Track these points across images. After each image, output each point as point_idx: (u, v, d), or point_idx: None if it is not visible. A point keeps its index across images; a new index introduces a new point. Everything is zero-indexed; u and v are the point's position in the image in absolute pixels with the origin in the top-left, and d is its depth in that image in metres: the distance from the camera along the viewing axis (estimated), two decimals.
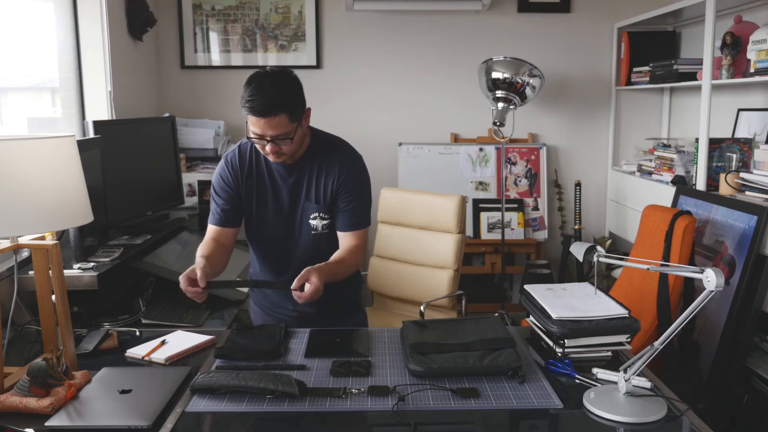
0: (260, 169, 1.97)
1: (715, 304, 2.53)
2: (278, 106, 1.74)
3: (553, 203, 4.02)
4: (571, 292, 1.81)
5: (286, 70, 1.83)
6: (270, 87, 1.75)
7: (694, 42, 3.58)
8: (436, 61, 3.92)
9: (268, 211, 1.98)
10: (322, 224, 1.97)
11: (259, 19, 3.84)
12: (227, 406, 1.46)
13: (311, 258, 1.90)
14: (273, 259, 2.06)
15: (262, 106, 1.73)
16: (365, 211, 2.00)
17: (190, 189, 3.47)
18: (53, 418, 1.41)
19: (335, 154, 1.97)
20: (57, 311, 1.64)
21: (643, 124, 3.97)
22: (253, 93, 1.74)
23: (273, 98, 1.74)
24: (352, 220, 1.97)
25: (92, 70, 3.10)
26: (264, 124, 1.76)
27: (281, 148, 1.82)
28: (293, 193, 1.96)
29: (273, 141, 1.79)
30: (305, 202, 1.96)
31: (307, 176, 1.95)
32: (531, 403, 1.47)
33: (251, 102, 1.74)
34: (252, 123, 1.78)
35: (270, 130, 1.77)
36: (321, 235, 1.98)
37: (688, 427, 1.40)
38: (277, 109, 1.74)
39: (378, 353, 1.75)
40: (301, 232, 1.99)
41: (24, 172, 1.53)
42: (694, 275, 1.38)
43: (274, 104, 1.74)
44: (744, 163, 2.79)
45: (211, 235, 2.01)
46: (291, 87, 1.80)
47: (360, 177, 1.99)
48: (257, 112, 1.74)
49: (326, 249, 1.98)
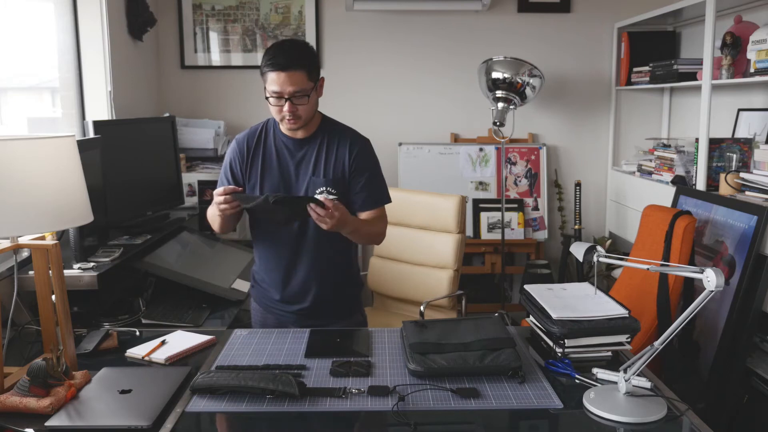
0: (268, 145, 2.02)
1: (715, 304, 2.53)
2: (297, 61, 1.85)
3: (553, 203, 4.02)
4: (571, 292, 1.81)
5: (304, 40, 1.98)
6: (290, 47, 1.89)
7: (694, 42, 3.58)
8: (436, 61, 3.92)
9: (273, 187, 2.00)
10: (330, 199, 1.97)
11: (259, 19, 3.84)
12: (227, 406, 1.46)
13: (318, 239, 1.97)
14: (279, 243, 2.04)
15: (283, 60, 1.84)
16: (383, 188, 2.07)
17: (190, 189, 3.47)
18: (53, 418, 1.41)
19: (345, 134, 2.03)
20: (57, 311, 1.64)
21: (643, 124, 3.97)
22: (275, 52, 1.86)
23: (293, 55, 1.86)
24: (372, 197, 2.02)
25: (92, 70, 3.10)
26: (284, 79, 1.84)
27: (298, 109, 1.89)
28: (300, 168, 2.00)
29: (291, 99, 1.87)
30: (312, 177, 1.98)
31: (315, 152, 1.99)
32: (531, 403, 1.48)
33: (273, 59, 1.85)
34: (272, 81, 1.86)
35: (289, 86, 1.85)
36: None
37: (688, 427, 1.40)
38: (296, 64, 1.85)
39: (378, 353, 1.76)
40: None
41: (24, 172, 1.53)
42: (694, 275, 1.39)
43: (294, 59, 1.85)
44: (744, 163, 2.79)
45: None
46: (309, 49, 1.93)
47: (372, 156, 2.06)
48: (278, 66, 1.84)
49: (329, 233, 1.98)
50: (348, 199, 2.01)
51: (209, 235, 3.22)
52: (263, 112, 4.44)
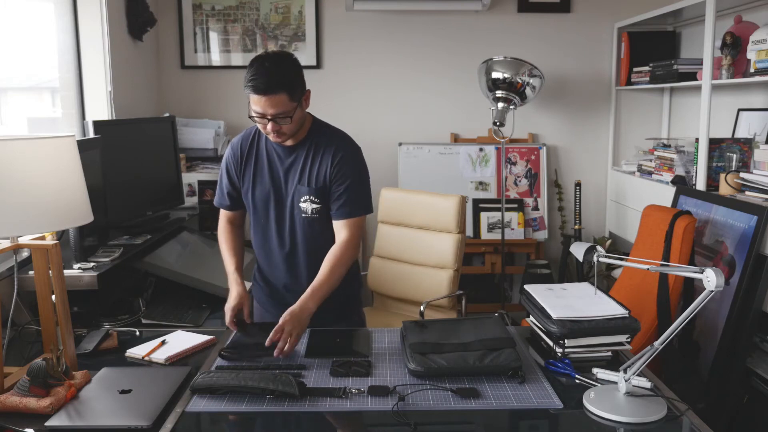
0: (260, 150, 2.02)
1: (715, 304, 2.53)
2: (278, 84, 1.80)
3: (553, 203, 4.02)
4: (571, 292, 1.81)
5: (287, 53, 1.91)
6: (271, 67, 1.81)
7: (694, 42, 3.58)
8: (436, 61, 3.91)
9: (264, 193, 2.01)
10: (312, 208, 1.98)
11: (259, 19, 3.84)
12: (227, 406, 1.46)
13: (305, 243, 2.00)
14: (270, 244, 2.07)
15: (263, 84, 1.79)
16: (360, 198, 1.99)
17: (190, 189, 3.47)
18: (53, 418, 1.41)
19: (332, 141, 2.00)
20: (57, 311, 1.64)
21: (643, 124, 3.96)
22: (255, 72, 1.80)
23: (274, 77, 1.80)
24: (344, 208, 1.97)
25: (92, 70, 3.10)
26: (265, 102, 1.81)
27: (281, 128, 1.87)
28: (288, 175, 2.00)
29: (273, 119, 1.85)
30: (297, 184, 1.98)
31: (302, 159, 1.98)
32: (531, 403, 1.47)
33: (253, 81, 1.80)
34: (254, 102, 1.83)
35: (271, 109, 1.82)
36: (312, 219, 1.99)
37: (688, 427, 1.40)
38: (277, 88, 1.80)
39: (378, 353, 1.75)
40: (293, 215, 2.01)
41: (24, 172, 1.53)
42: (694, 275, 1.39)
43: (275, 83, 1.80)
44: (744, 163, 2.79)
45: (226, 218, 2.13)
46: (291, 67, 1.86)
47: (354, 165, 1.99)
48: (259, 90, 1.80)
49: (319, 234, 2.01)
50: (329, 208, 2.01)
51: (209, 235, 3.22)
52: None
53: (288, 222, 2.01)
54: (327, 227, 2.01)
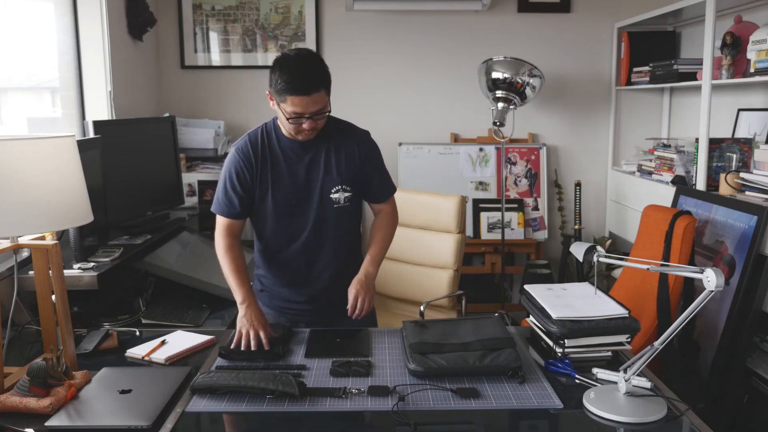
0: (274, 153, 1.98)
1: (715, 304, 2.53)
2: (319, 83, 1.83)
3: (553, 203, 4.02)
4: (571, 292, 1.81)
5: (310, 50, 1.91)
6: (307, 66, 1.83)
7: (694, 42, 3.58)
8: (436, 61, 3.91)
9: (286, 193, 1.98)
10: (345, 197, 1.99)
11: (259, 19, 3.84)
12: (227, 406, 1.46)
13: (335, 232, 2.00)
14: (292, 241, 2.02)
15: (305, 84, 1.80)
16: (389, 177, 2.14)
17: (190, 189, 3.47)
18: (53, 418, 1.41)
19: (345, 130, 2.04)
20: (57, 311, 1.64)
21: (643, 124, 3.96)
22: (293, 74, 1.80)
23: (314, 75, 1.82)
24: (382, 188, 2.09)
25: (92, 70, 3.10)
26: (307, 101, 1.81)
27: (317, 123, 1.88)
28: (311, 170, 1.98)
29: (312, 117, 1.85)
30: (324, 176, 1.97)
31: (324, 152, 1.98)
32: (531, 403, 1.48)
33: (293, 83, 1.80)
34: (293, 104, 1.81)
35: (312, 107, 1.83)
36: (343, 208, 2.00)
37: (688, 427, 1.40)
38: (318, 86, 1.82)
39: (378, 353, 1.76)
40: (323, 208, 1.98)
41: (24, 172, 1.53)
42: (694, 275, 1.39)
43: (316, 82, 1.82)
44: (744, 163, 2.79)
45: (228, 230, 1.99)
46: (323, 63, 1.89)
47: (375, 147, 2.10)
48: (302, 91, 1.80)
49: (347, 221, 2.03)
50: (361, 193, 2.05)
51: (209, 235, 3.21)
52: (263, 112, 4.43)
53: (315, 216, 1.98)
54: (354, 213, 2.05)
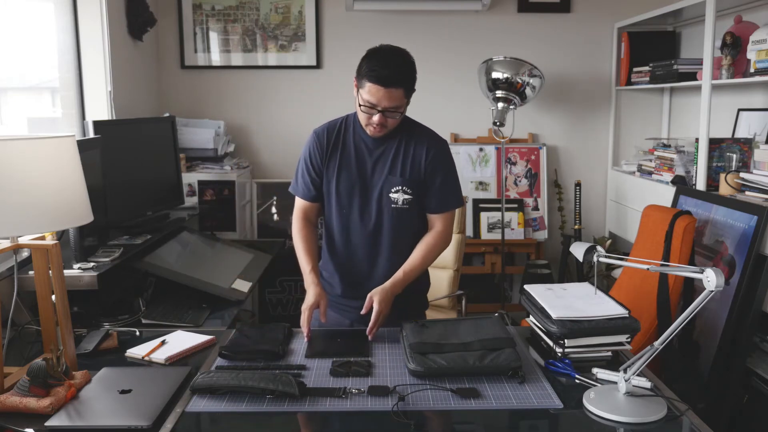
0: (347, 142, 2.01)
1: (715, 304, 2.53)
2: (400, 79, 1.85)
3: (553, 203, 4.02)
4: (571, 292, 1.81)
5: (405, 50, 1.93)
6: (395, 61, 1.86)
7: (694, 42, 3.58)
8: (436, 61, 3.91)
9: (350, 182, 1.99)
10: (403, 198, 1.98)
11: (259, 19, 3.84)
12: (227, 406, 1.46)
13: (390, 233, 1.98)
14: (352, 234, 2.02)
15: (387, 76, 1.82)
16: (454, 191, 2.05)
17: (190, 189, 3.47)
18: (53, 418, 1.41)
19: (423, 136, 2.04)
20: (57, 311, 1.64)
21: (643, 124, 3.96)
22: (380, 63, 1.83)
23: (397, 71, 1.85)
24: (440, 201, 2.02)
25: (92, 70, 3.10)
26: (383, 94, 1.83)
27: (387, 121, 1.89)
28: (377, 166, 1.99)
29: (384, 112, 1.86)
30: (388, 175, 1.98)
31: (393, 151, 1.99)
32: (531, 403, 1.48)
33: (376, 71, 1.82)
34: (370, 92, 1.84)
35: (386, 101, 1.85)
36: (401, 210, 1.99)
37: (688, 427, 1.40)
38: (398, 82, 1.84)
39: (378, 353, 1.76)
40: (380, 205, 1.99)
41: (24, 172, 1.53)
42: (694, 275, 1.39)
43: (398, 77, 1.84)
44: (744, 163, 2.79)
45: (303, 213, 2.07)
46: (412, 65, 1.91)
47: (448, 159, 2.04)
48: (381, 81, 1.82)
49: (405, 226, 2.00)
50: (422, 199, 2.02)
51: (209, 235, 3.22)
52: (263, 112, 4.44)
53: (374, 212, 1.99)
54: (414, 219, 2.02)
